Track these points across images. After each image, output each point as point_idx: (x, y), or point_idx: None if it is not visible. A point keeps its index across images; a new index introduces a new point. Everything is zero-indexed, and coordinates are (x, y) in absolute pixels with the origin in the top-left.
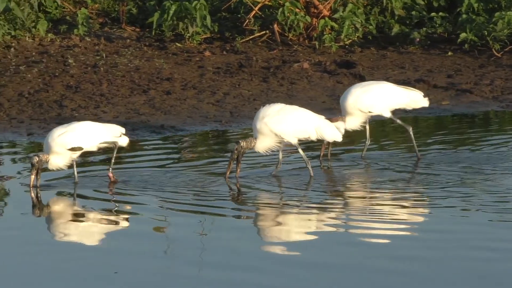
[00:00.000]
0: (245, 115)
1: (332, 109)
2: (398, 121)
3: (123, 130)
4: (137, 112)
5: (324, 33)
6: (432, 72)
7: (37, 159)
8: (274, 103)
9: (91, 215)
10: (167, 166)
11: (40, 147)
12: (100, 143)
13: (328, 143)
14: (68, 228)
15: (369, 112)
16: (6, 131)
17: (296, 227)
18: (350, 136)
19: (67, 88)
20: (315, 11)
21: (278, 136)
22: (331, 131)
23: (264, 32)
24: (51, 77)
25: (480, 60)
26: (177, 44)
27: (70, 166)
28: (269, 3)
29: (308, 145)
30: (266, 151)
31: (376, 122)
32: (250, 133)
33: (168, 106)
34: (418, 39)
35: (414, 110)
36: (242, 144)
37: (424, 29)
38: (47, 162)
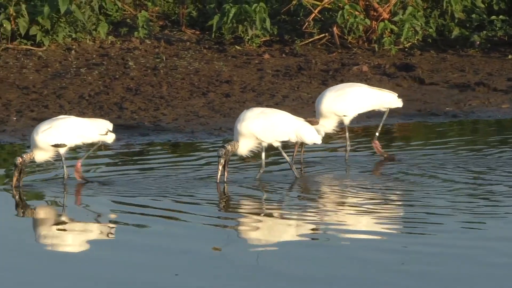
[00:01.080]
0: (303, 117)
1: (391, 112)
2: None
3: (110, 126)
4: (196, 114)
5: (384, 36)
6: (492, 75)
7: (20, 160)
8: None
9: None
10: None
11: (99, 149)
12: (85, 140)
13: (301, 146)
14: (48, 230)
15: (344, 116)
16: None
17: (275, 232)
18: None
19: (127, 90)
20: (375, 14)
21: (258, 139)
22: (310, 134)
23: (323, 35)
24: (111, 79)
25: None
26: (236, 47)
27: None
28: (329, 6)
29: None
30: (248, 154)
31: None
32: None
33: (227, 108)
34: (478, 42)
35: (390, 110)
36: (228, 148)
37: (484, 32)
38: (32, 159)
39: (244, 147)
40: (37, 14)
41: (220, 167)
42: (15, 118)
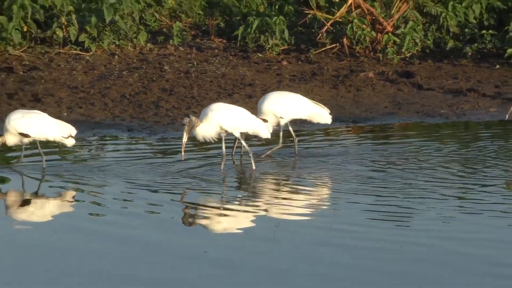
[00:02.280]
0: None
1: (393, 113)
2: (291, 129)
3: (74, 132)
4: None
5: (387, 46)
6: (481, 82)
7: None
8: (344, 106)
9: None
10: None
11: (138, 142)
12: (47, 137)
13: (239, 141)
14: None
15: (280, 117)
16: (110, 127)
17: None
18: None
19: (162, 91)
20: (380, 27)
21: (222, 127)
22: (264, 129)
23: (334, 45)
24: (149, 81)
25: None
26: (258, 54)
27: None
28: (340, 20)
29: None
30: (203, 139)
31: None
32: (306, 132)
33: (250, 108)
34: (470, 53)
35: (318, 124)
36: (192, 118)
37: (476, 44)
38: (3, 143)
39: (203, 130)
40: (85, 24)
41: (184, 134)
42: (65, 114)
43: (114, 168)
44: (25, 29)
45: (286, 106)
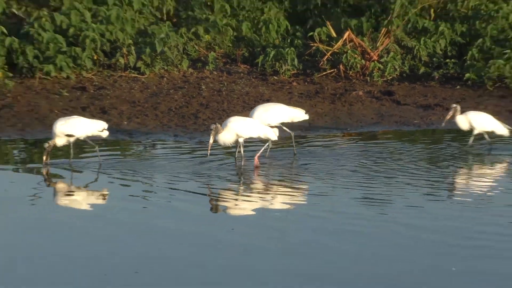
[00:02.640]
0: (318, 125)
1: (378, 123)
2: (285, 128)
3: (105, 125)
4: None
5: (374, 71)
6: (445, 99)
7: (47, 145)
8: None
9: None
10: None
11: (181, 144)
12: (87, 134)
13: (239, 148)
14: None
15: (268, 123)
16: (160, 133)
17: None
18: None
19: (200, 105)
20: (368, 56)
21: (238, 135)
22: (272, 134)
23: (333, 70)
24: (190, 98)
25: (478, 92)
26: (274, 77)
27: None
28: (337, 51)
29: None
30: (224, 144)
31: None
32: (310, 136)
33: None
34: (437, 77)
35: (298, 122)
36: (217, 126)
37: (441, 70)
38: (53, 145)
39: (224, 136)
40: (141, 53)
41: (211, 137)
42: (126, 122)
43: (162, 163)
44: (95, 58)
45: (270, 114)
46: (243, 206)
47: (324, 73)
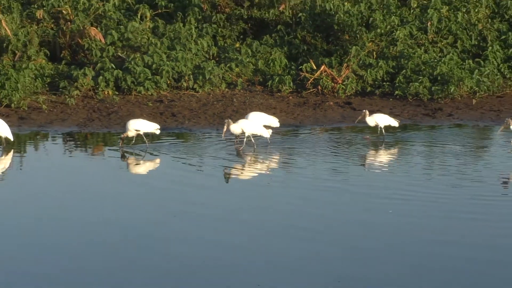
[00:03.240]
0: (305, 124)
1: (342, 121)
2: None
3: (158, 126)
4: None
5: (339, 90)
6: (383, 107)
7: (123, 136)
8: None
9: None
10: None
11: (219, 135)
12: (147, 131)
13: (247, 137)
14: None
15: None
16: (207, 128)
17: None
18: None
19: (232, 111)
20: (336, 80)
21: (242, 130)
22: (266, 132)
23: (314, 89)
24: (226, 106)
25: (403, 103)
26: (278, 93)
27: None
28: (317, 77)
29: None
30: (233, 132)
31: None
32: (294, 133)
33: None
34: (378, 93)
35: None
36: (229, 121)
37: (380, 89)
38: (125, 136)
39: (233, 128)
40: (196, 79)
41: (224, 129)
42: (187, 122)
43: (204, 148)
44: (168, 82)
45: (257, 118)
46: (250, 176)
47: (309, 91)
